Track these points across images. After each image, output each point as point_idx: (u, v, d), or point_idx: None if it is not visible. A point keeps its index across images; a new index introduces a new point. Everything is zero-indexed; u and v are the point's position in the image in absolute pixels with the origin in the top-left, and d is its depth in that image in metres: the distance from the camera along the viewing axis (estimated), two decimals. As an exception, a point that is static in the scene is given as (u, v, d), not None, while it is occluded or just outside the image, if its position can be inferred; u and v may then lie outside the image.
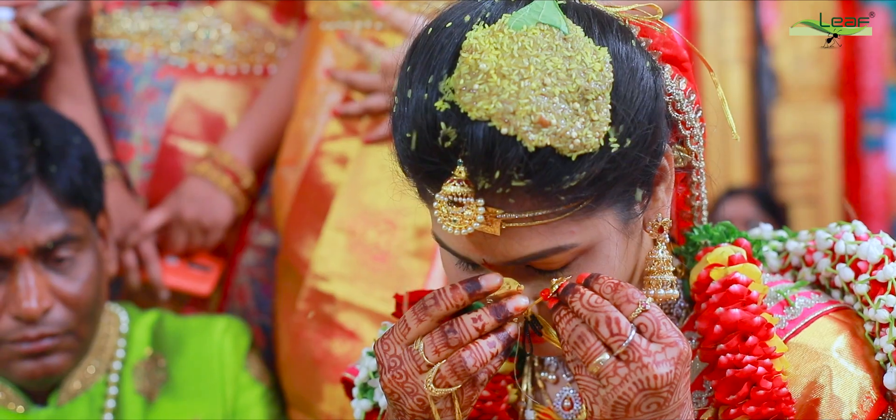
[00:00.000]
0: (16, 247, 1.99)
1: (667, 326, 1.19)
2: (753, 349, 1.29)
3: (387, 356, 1.27)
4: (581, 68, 1.19)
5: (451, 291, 1.25)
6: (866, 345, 1.32)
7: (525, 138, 1.16)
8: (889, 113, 4.90)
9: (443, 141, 1.18)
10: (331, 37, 2.31)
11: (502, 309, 1.25)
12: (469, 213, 1.18)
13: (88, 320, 2.08)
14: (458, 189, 1.18)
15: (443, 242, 1.26)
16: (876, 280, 1.33)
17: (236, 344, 2.24)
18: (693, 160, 1.36)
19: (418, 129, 1.20)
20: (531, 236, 1.20)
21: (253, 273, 2.49)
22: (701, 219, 1.43)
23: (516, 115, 1.16)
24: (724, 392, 1.30)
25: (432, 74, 1.21)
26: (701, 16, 4.78)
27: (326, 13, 2.32)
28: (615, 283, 1.21)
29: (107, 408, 2.15)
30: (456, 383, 1.24)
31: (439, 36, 1.23)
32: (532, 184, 1.18)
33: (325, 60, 2.32)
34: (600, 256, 1.25)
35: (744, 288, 1.32)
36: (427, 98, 1.20)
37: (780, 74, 4.80)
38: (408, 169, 1.24)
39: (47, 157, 2.03)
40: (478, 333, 1.24)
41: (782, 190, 4.84)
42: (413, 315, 1.26)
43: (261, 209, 2.50)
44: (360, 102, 2.25)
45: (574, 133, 1.17)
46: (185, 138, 2.47)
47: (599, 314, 1.20)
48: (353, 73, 2.26)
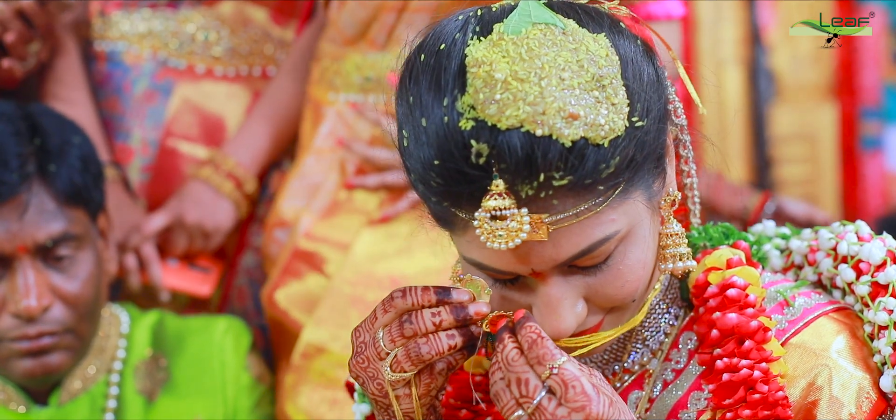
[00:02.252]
0: (15, 245, 1.99)
1: (576, 389, 1.19)
2: (750, 353, 1.29)
3: (357, 342, 1.30)
4: (589, 57, 1.19)
5: (421, 291, 1.27)
6: (866, 346, 1.32)
7: (560, 135, 1.16)
8: (887, 112, 4.90)
9: (476, 158, 1.17)
10: (341, 107, 2.30)
11: (463, 310, 1.26)
12: (514, 225, 1.17)
13: (88, 319, 2.08)
14: (500, 202, 1.17)
15: (481, 265, 1.24)
16: (877, 282, 1.33)
17: (237, 344, 2.25)
18: (679, 133, 1.37)
19: (446, 154, 1.18)
20: (577, 233, 1.20)
21: (253, 275, 2.50)
22: (694, 199, 1.43)
23: (546, 114, 1.16)
24: (721, 396, 1.30)
25: (445, 96, 1.19)
26: (697, 16, 4.77)
27: (336, 84, 2.31)
28: (534, 337, 1.22)
29: (108, 407, 2.16)
30: (411, 369, 1.26)
31: (437, 58, 1.22)
32: (573, 180, 1.17)
33: (334, 130, 2.30)
34: (638, 238, 1.25)
35: (741, 292, 1.33)
36: (447, 121, 1.18)
37: (778, 74, 4.79)
38: (437, 197, 1.22)
39: (47, 156, 2.04)
40: (435, 328, 1.25)
41: (780, 189, 4.83)
42: (381, 306, 1.29)
43: (261, 212, 2.50)
44: (377, 177, 2.23)
45: (602, 120, 1.17)
46: (185, 140, 2.47)
47: (511, 374, 1.22)
48: (370, 148, 2.25)
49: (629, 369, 1.38)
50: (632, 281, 1.26)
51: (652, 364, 1.38)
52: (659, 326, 1.38)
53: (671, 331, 1.39)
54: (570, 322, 1.25)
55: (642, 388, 1.37)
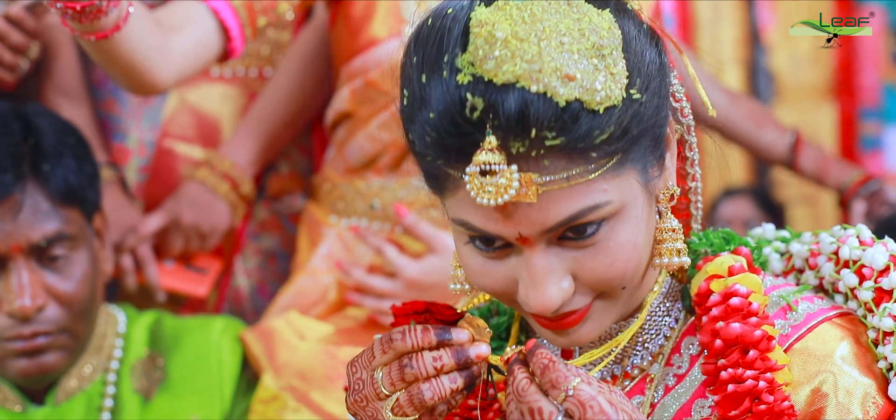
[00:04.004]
0: (10, 245, 1.99)
1: (594, 409, 1.19)
2: (754, 363, 1.29)
3: (353, 378, 1.30)
4: (592, 27, 1.20)
5: (421, 332, 1.26)
6: (870, 352, 1.31)
7: (555, 93, 1.16)
8: (886, 112, 4.90)
9: (470, 112, 1.17)
10: (342, 230, 2.31)
11: (463, 352, 1.26)
12: (503, 181, 1.17)
13: (83, 319, 2.08)
14: (491, 157, 1.17)
15: (471, 226, 1.24)
16: (881, 287, 1.32)
17: (234, 344, 2.24)
18: (685, 133, 1.37)
19: (442, 109, 1.19)
20: (567, 197, 1.20)
21: (250, 275, 2.49)
22: (697, 205, 1.43)
23: (543, 72, 1.16)
24: (726, 407, 1.29)
25: (446, 54, 1.20)
26: (697, 17, 4.78)
27: (338, 209, 2.32)
28: (545, 362, 1.22)
29: (104, 407, 2.16)
30: (413, 414, 1.26)
31: (443, 22, 1.23)
32: (565, 141, 1.17)
33: (332, 252, 2.31)
34: (631, 218, 1.24)
35: (744, 300, 1.32)
36: (446, 76, 1.19)
37: (777, 74, 4.80)
38: (431, 154, 1.23)
39: (41, 156, 2.04)
40: (436, 372, 1.25)
41: (780, 189, 4.84)
42: (379, 344, 1.28)
43: (258, 213, 2.50)
44: (374, 303, 2.23)
45: (599, 85, 1.18)
46: (181, 141, 2.47)
47: (524, 404, 1.21)
48: (368, 276, 2.25)
49: (630, 374, 1.38)
50: (621, 261, 1.25)
51: (653, 368, 1.37)
52: (659, 330, 1.37)
53: (671, 334, 1.38)
54: (554, 295, 1.24)
55: (644, 393, 1.36)
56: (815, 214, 4.81)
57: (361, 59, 2.26)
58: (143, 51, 1.83)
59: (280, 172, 2.55)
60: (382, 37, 2.22)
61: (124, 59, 1.81)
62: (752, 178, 4.83)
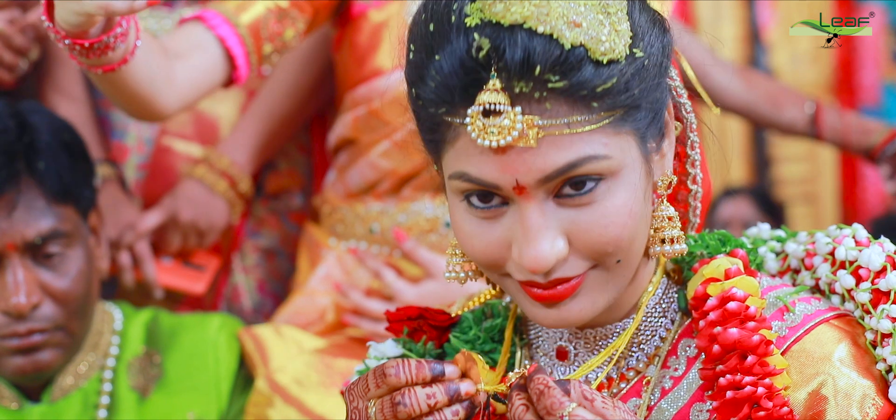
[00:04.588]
0: (4, 242, 1.99)
1: None
2: (752, 368, 1.28)
3: (350, 406, 1.31)
4: None
5: (415, 367, 1.27)
6: (868, 354, 1.31)
7: (562, 36, 1.18)
8: (886, 111, 4.89)
9: (476, 52, 1.19)
10: (341, 253, 2.32)
11: (455, 388, 1.27)
12: (507, 123, 1.18)
13: (79, 316, 2.08)
14: (495, 97, 1.18)
15: (469, 176, 1.24)
16: (878, 289, 1.32)
17: (231, 341, 2.24)
18: (687, 130, 1.37)
19: (448, 50, 1.21)
20: (566, 145, 1.20)
21: (247, 273, 2.49)
22: (696, 211, 1.42)
23: (550, 16, 1.18)
24: (725, 413, 1.29)
25: (456, 2, 1.22)
26: (697, 15, 4.78)
27: (338, 232, 2.32)
28: (541, 388, 1.23)
29: (101, 404, 2.16)
30: None
31: None
32: (568, 85, 1.19)
33: (330, 274, 2.31)
34: (627, 183, 1.24)
35: (741, 304, 1.31)
36: (455, 20, 1.21)
37: (777, 73, 4.79)
38: (433, 101, 1.23)
39: (36, 154, 2.04)
40: (429, 409, 1.26)
41: (780, 189, 4.83)
42: (373, 377, 1.29)
43: (256, 211, 2.50)
44: (371, 326, 2.24)
45: (604, 37, 1.20)
46: (180, 138, 2.47)
47: None
48: (366, 299, 2.26)
49: (625, 376, 1.37)
50: (617, 225, 1.24)
51: (649, 370, 1.36)
52: (655, 331, 1.37)
53: (668, 336, 1.37)
54: (548, 252, 1.23)
55: (640, 395, 1.36)
56: (814, 213, 4.80)
57: (366, 88, 2.27)
58: (149, 80, 1.83)
59: (278, 170, 2.55)
60: (387, 68, 2.23)
61: (130, 89, 1.81)
62: (751, 178, 4.82)
